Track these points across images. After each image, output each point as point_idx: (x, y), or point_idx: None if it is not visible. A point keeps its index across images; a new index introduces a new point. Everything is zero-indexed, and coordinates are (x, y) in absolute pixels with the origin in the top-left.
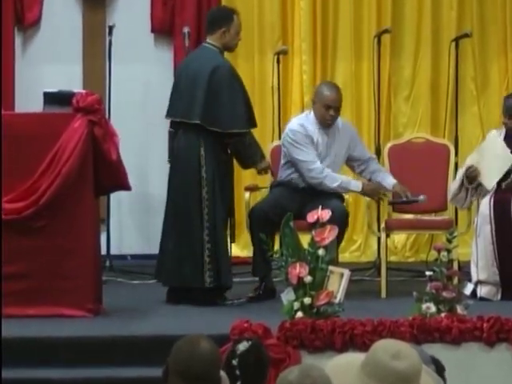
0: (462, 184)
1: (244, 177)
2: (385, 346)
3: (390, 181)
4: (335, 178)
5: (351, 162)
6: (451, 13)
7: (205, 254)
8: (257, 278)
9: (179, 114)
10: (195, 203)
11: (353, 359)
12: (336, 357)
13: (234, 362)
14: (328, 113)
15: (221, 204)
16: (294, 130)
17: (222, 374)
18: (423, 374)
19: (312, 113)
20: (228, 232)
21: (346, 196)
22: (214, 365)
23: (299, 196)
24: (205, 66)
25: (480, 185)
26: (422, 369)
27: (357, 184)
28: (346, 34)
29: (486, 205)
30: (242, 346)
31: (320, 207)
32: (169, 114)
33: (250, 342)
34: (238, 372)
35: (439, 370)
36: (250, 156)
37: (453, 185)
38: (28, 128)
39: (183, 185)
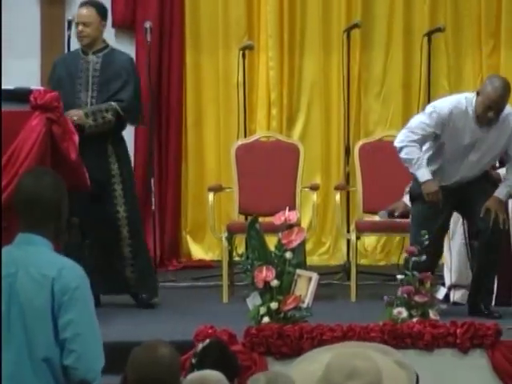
0: None
1: (207, 177)
2: (340, 365)
3: (496, 191)
4: (414, 152)
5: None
6: (423, 6)
7: None
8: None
9: None
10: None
11: (314, 369)
12: (299, 361)
13: (193, 361)
14: (487, 113)
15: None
16: (438, 108)
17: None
18: (396, 369)
19: (473, 98)
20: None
21: (314, 198)
22: (173, 371)
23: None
24: None
25: None
26: (394, 366)
27: (423, 174)
28: (314, 29)
29: None
30: (201, 345)
31: None
32: None
33: (208, 341)
34: (196, 370)
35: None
36: None
37: None
38: None
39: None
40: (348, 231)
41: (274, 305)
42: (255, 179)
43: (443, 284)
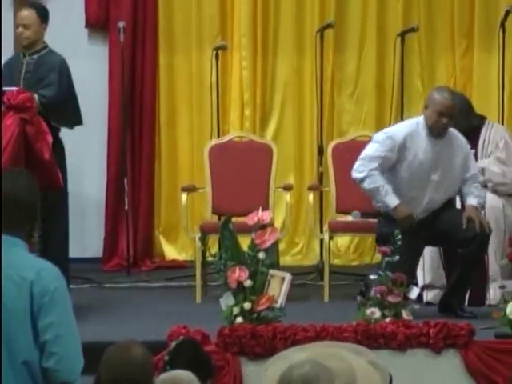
0: None
1: (180, 177)
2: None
3: (467, 201)
4: (378, 180)
5: None
6: (397, 6)
7: None
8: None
9: None
10: None
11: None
12: (274, 360)
13: (166, 358)
14: (441, 120)
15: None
16: (392, 133)
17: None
18: (370, 369)
19: (422, 119)
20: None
21: (288, 198)
22: (146, 371)
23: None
24: None
25: None
26: (368, 366)
27: (392, 200)
28: (287, 29)
29: None
30: (174, 342)
31: None
32: None
33: (182, 338)
34: (168, 368)
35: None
36: None
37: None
38: None
39: None
40: (321, 231)
41: (247, 305)
42: (228, 179)
43: (416, 284)
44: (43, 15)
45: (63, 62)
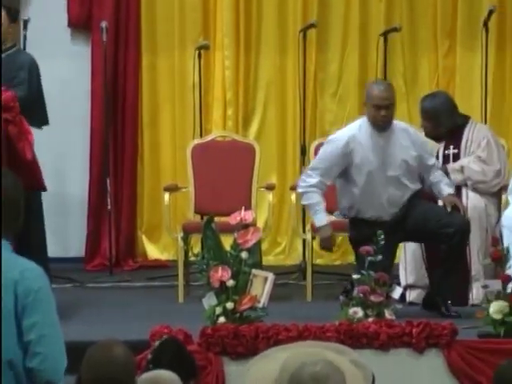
0: None
1: (163, 177)
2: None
3: (444, 191)
4: (313, 197)
5: None
6: (380, 5)
7: None
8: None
9: None
10: None
11: (271, 368)
12: (257, 359)
13: (150, 357)
14: (379, 113)
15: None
16: (336, 139)
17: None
18: (352, 368)
19: (366, 118)
20: None
21: (270, 198)
22: (128, 370)
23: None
24: None
25: None
26: (350, 366)
27: (320, 219)
28: (270, 28)
29: None
30: (158, 341)
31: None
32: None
33: (165, 337)
34: (150, 366)
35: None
36: None
37: None
38: None
39: None
40: (304, 231)
41: (229, 305)
42: (211, 179)
43: (399, 283)
44: (12, 15)
45: (33, 61)
